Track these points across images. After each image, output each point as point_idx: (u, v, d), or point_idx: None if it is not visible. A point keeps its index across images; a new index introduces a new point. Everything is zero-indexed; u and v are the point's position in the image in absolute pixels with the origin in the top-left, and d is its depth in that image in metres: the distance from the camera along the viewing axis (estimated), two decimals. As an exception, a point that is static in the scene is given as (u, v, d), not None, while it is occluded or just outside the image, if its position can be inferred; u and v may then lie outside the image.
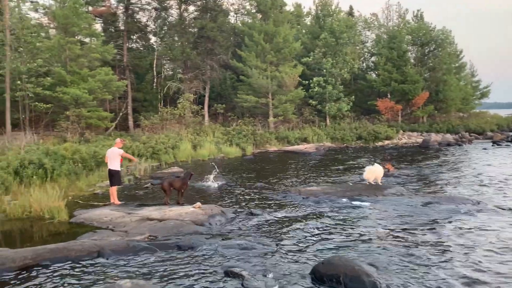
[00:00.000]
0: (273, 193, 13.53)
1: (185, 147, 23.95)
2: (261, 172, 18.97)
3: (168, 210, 10.36)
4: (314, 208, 11.15)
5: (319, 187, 13.62)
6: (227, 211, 10.63)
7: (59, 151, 16.20)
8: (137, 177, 17.46)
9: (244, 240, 8.23)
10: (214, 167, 16.97)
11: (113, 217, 10.11)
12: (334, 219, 9.89)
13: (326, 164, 21.40)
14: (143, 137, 24.48)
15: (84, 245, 7.58)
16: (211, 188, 14.85)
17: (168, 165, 21.03)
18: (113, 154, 12.09)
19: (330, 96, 35.62)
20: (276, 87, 33.47)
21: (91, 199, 13.02)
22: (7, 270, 6.73)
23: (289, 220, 9.94)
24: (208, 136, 27.79)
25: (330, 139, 33.18)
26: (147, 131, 28.72)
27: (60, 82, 24.43)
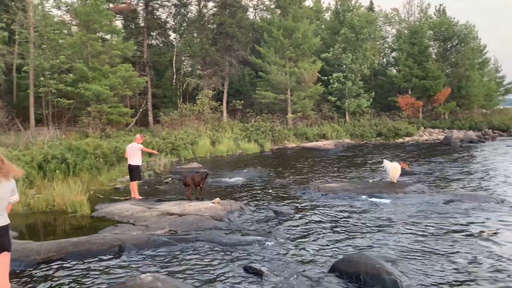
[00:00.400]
0: (291, 189, 13.50)
1: (204, 143, 24.10)
2: (279, 168, 18.95)
3: (187, 205, 10.45)
4: (333, 205, 11.09)
5: (338, 184, 13.53)
6: (246, 207, 10.65)
7: (81, 146, 16.50)
8: (157, 172, 17.66)
9: (263, 236, 8.23)
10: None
11: (134, 211, 10.25)
12: (354, 216, 9.81)
13: (345, 160, 21.24)
14: (163, 133, 24.72)
15: (105, 239, 7.70)
16: (229, 184, 14.90)
17: (187, 161, 21.19)
18: (133, 150, 12.24)
19: (349, 92, 35.30)
20: (295, 83, 33.33)
21: (112, 193, 13.23)
22: (31, 262, 6.90)
23: (308, 216, 9.91)
24: (227, 132, 27.88)
25: (350, 136, 32.90)
26: (166, 127, 28.98)
27: (82, 78, 24.85)
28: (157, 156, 20.46)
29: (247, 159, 22.81)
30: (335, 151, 26.17)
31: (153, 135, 24.72)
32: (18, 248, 7.26)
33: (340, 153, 25.49)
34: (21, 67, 25.12)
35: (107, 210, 10.52)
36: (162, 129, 28.04)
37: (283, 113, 34.76)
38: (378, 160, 20.84)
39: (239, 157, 23.80)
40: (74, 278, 6.32)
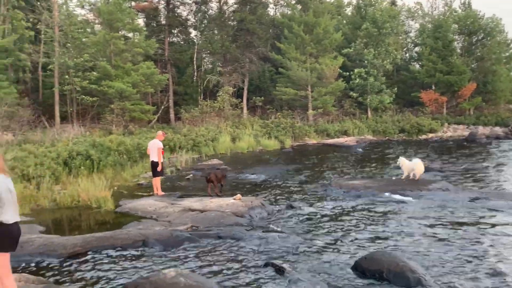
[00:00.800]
0: (313, 186, 13.44)
1: (224, 139, 24.20)
2: (300, 165, 18.88)
3: (209, 201, 10.53)
4: (356, 202, 10.99)
5: (360, 181, 13.40)
6: (267, 204, 10.66)
7: (105, 143, 16.80)
8: (179, 169, 17.84)
9: (284, 232, 8.23)
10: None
11: (156, 207, 10.40)
12: (376, 214, 9.71)
13: (367, 157, 21.01)
14: (184, 130, 24.93)
15: (129, 234, 7.83)
16: (250, 180, 14.93)
17: (208, 157, 21.32)
18: (154, 146, 12.39)
19: (371, 87, 34.85)
20: (316, 79, 33.09)
21: (136, 189, 13.44)
22: (58, 256, 7.07)
23: (329, 214, 9.85)
24: (247, 128, 27.92)
25: (372, 132, 32.51)
26: (187, 124, 29.21)
27: (105, 76, 25.26)
28: (179, 153, 20.66)
29: (268, 155, 22.80)
30: (357, 148, 25.91)
31: (174, 132, 24.95)
32: (45, 242, 7.47)
33: (362, 149, 25.22)
34: (46, 65, 25.74)
35: (131, 206, 10.69)
36: (183, 126, 28.28)
37: (304, 110, 34.56)
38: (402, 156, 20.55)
39: (259, 153, 23.82)
40: (98, 272, 6.46)
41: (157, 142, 12.47)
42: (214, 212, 9.63)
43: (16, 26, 24.70)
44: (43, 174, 12.36)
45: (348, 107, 36.06)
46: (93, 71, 25.49)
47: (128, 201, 11.36)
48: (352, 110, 36.22)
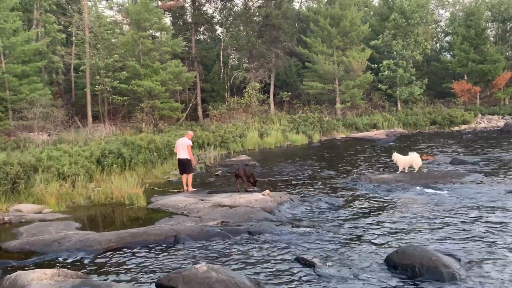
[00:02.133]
0: (342, 181, 13.34)
1: (252, 135, 24.27)
2: (329, 159, 18.74)
3: (238, 197, 10.62)
4: (386, 196, 10.84)
5: (391, 175, 13.21)
6: (296, 199, 10.66)
7: (136, 141, 17.16)
8: (208, 165, 18.04)
9: (314, 228, 8.22)
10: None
11: (187, 203, 10.57)
12: (408, 208, 9.55)
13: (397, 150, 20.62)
14: (212, 127, 25.14)
15: (161, 230, 8.01)
16: (279, 175, 14.95)
17: (236, 153, 21.45)
18: (182, 144, 12.59)
19: (401, 79, 34.13)
20: (343, 73, 32.68)
21: (166, 186, 13.69)
22: (94, 251, 7.31)
23: (359, 208, 9.76)
24: (274, 124, 27.90)
25: (402, 125, 31.89)
26: (215, 121, 29.45)
27: (135, 75, 25.77)
28: (207, 149, 20.87)
29: (296, 150, 22.73)
30: (387, 141, 25.47)
31: (203, 129, 25.21)
32: (81, 238, 7.73)
33: (392, 143, 24.78)
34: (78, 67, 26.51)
35: (162, 202, 10.91)
36: (211, 123, 28.53)
37: (331, 104, 34.18)
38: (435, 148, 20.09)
39: (287, 148, 23.79)
40: (133, 266, 6.64)
41: (186, 139, 12.68)
42: (244, 207, 9.72)
43: (49, 29, 25.54)
44: (77, 172, 12.75)
45: (377, 100, 35.45)
46: (122, 71, 26.05)
47: (159, 197, 11.59)
48: (381, 103, 35.59)
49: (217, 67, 35.14)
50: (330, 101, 34.27)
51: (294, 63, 37.94)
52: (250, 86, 32.01)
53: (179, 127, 26.04)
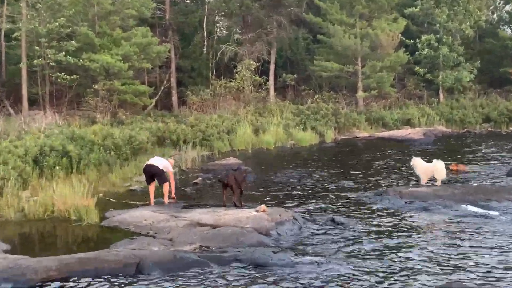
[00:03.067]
0: (363, 194, 13.39)
1: (244, 131, 24.21)
2: (346, 165, 18.77)
3: (223, 214, 10.62)
4: (421, 217, 10.89)
5: (428, 188, 13.30)
6: (301, 218, 10.68)
7: (87, 135, 17.07)
8: (183, 170, 17.99)
9: (325, 257, 8.24)
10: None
11: (154, 220, 10.55)
12: (450, 234, 9.59)
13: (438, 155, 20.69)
14: (191, 118, 25.05)
15: (119, 255, 7.99)
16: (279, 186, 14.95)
17: (222, 155, 21.39)
18: (159, 162, 12.67)
19: (445, 61, 34.25)
20: (368, 50, 32.74)
21: (127, 196, 13.66)
22: (27, 282, 7.27)
23: (385, 232, 9.79)
24: (275, 116, 27.88)
25: (445, 122, 32.03)
26: (195, 110, 29.36)
27: (87, 46, 25.59)
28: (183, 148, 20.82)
29: (302, 152, 22.73)
30: (424, 143, 25.58)
31: (178, 121, 25.12)
32: (10, 264, 7.69)
33: (431, 145, 24.88)
34: (11, 33, 26.23)
35: (121, 218, 10.89)
36: (189, 113, 28.44)
37: (352, 91, 34.26)
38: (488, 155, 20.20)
39: (291, 150, 23.80)
40: (80, 304, 6.62)
41: (166, 162, 12.84)
42: (231, 228, 9.72)
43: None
44: (7, 175, 12.66)
45: (412, 87, 35.54)
46: (71, 40, 25.83)
47: (117, 212, 11.56)
48: (418, 92, 35.68)
49: (199, 38, 35.04)
50: (350, 88, 34.33)
51: (302, 36, 37.92)
52: (243, 64, 31.95)
53: (146, 118, 25.97)
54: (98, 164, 15.91)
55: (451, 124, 32.06)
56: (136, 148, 18.13)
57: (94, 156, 15.93)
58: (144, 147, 18.80)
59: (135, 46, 26.32)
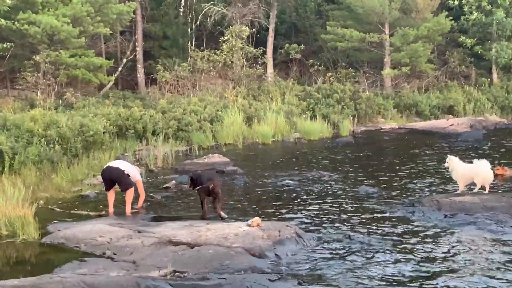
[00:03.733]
0: (389, 205, 13.41)
1: (234, 120, 24.16)
2: (367, 167, 18.80)
3: (204, 229, 10.59)
4: (466, 235, 10.90)
5: (476, 197, 13.27)
6: (306, 235, 10.67)
7: (24, 123, 16.99)
8: (152, 170, 17.96)
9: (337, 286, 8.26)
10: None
11: (113, 236, 10.50)
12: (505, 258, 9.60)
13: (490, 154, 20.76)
14: (162, 101, 25.01)
15: (65, 283, 7.96)
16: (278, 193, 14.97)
17: (204, 151, 21.36)
18: (125, 166, 12.81)
19: (500, 29, 34.30)
20: (398, 13, 32.77)
21: (77, 204, 13.62)
22: None
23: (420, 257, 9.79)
24: (274, 101, 27.88)
25: (499, 110, 32.13)
26: (168, 91, 29.31)
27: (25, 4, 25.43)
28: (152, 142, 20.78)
29: (310, 149, 22.73)
30: (472, 138, 25.56)
31: (144, 105, 25.06)
32: None
33: (480, 141, 24.88)
34: None
35: (69, 234, 10.83)
36: (160, 95, 28.37)
37: (376, 68, 34.33)
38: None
39: (295, 146, 23.81)
40: None
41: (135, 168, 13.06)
42: (214, 247, 9.69)
43: None
44: None
45: (456, 64, 35.59)
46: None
47: (63, 225, 11.53)
48: (464, 70, 35.76)
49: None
50: (374, 64, 34.41)
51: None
52: (232, 31, 31.88)
53: (103, 101, 25.87)
54: (39, 161, 15.85)
55: (507, 113, 32.17)
56: (89, 140, 18.07)
57: (33, 150, 15.86)
58: (99, 140, 18.74)
59: (88, 4, 26.20)
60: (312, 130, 25.62)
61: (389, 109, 30.35)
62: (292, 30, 38.23)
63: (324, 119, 27.05)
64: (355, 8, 32.90)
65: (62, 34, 25.14)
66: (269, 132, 24.33)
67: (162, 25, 34.42)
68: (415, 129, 28.03)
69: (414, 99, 31.29)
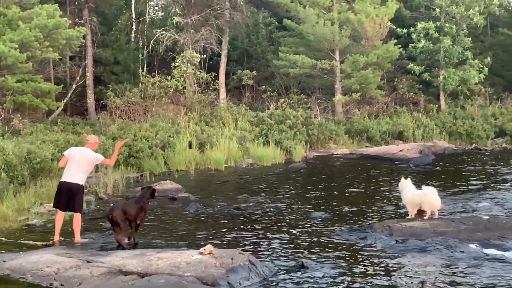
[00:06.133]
0: (341, 230, 13.47)
1: (186, 146, 24.14)
2: (319, 192, 18.90)
3: (155, 258, 10.46)
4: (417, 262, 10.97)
5: (426, 223, 13.42)
6: (259, 262, 10.61)
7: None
8: (101, 198, 17.76)
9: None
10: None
11: (60, 267, 10.29)
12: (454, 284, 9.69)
13: (439, 179, 21.06)
14: (113, 128, 24.85)
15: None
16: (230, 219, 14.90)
17: (155, 177, 21.22)
18: (83, 159, 12.50)
19: (447, 56, 35.01)
20: (349, 40, 33.21)
21: (23, 234, 13.35)
22: None
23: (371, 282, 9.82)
24: (226, 127, 27.91)
25: (447, 135, 32.64)
26: (119, 117, 29.10)
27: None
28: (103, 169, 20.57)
29: (263, 175, 22.76)
30: (421, 162, 25.95)
31: (95, 131, 24.85)
32: None
33: (429, 165, 25.26)
34: None
35: (14, 265, 10.58)
36: (111, 121, 28.16)
37: (328, 94, 34.64)
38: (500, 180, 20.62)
39: (248, 171, 23.82)
40: None
41: (93, 154, 12.70)
42: (165, 277, 9.57)
43: None
44: None
45: (405, 90, 36.13)
46: None
47: (9, 255, 11.25)
48: (413, 96, 36.31)
49: (126, 21, 34.88)
50: (325, 90, 34.76)
51: (263, 20, 38.24)
52: (184, 57, 31.90)
53: (51, 127, 25.56)
54: (-17, 190, 15.56)
55: (455, 138, 32.72)
56: (36, 168, 17.77)
57: (-23, 178, 15.59)
58: (47, 167, 18.45)
59: (37, 29, 25.94)
60: (264, 155, 25.70)
61: (341, 135, 30.63)
62: (244, 56, 38.45)
63: (277, 144, 27.17)
64: (307, 35, 33.24)
65: (9, 60, 24.83)
66: (221, 158, 24.35)
67: (113, 51, 34.31)
68: (366, 154, 28.33)
69: (365, 124, 31.65)
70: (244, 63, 37.77)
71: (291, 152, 27.09)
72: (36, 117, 27.58)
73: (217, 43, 35.24)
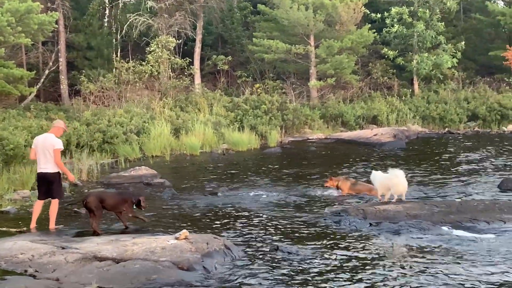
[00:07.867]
0: (316, 215, 13.54)
1: (161, 131, 24.07)
2: (295, 177, 18.97)
3: (130, 243, 10.44)
4: (391, 243, 11.08)
5: (400, 205, 13.51)
6: (234, 247, 10.64)
7: None
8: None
9: (266, 298, 8.26)
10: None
11: (35, 253, 10.23)
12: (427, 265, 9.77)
13: (413, 163, 21.22)
14: (87, 113, 24.70)
15: (-16, 303, 7.72)
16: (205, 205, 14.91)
17: (130, 163, 21.15)
18: (45, 146, 12.37)
19: (420, 41, 35.17)
20: (323, 25, 33.21)
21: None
22: None
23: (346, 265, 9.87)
24: (201, 112, 27.85)
25: (420, 120, 32.87)
26: (93, 103, 28.91)
27: None
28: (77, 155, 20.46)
29: (238, 160, 22.77)
30: (395, 146, 26.11)
31: (68, 117, 24.68)
32: None
33: (403, 149, 25.42)
34: None
35: (-13, 252, 10.52)
36: (84, 107, 27.97)
37: (302, 79, 34.65)
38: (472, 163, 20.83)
39: (223, 157, 23.84)
40: None
41: (52, 138, 12.51)
42: (140, 262, 9.56)
43: None
44: None
45: (379, 75, 36.27)
46: None
47: (-18, 242, 11.18)
48: (387, 81, 36.46)
49: (98, 5, 34.55)
50: (300, 75, 34.76)
51: (238, 5, 38.09)
52: (158, 42, 31.72)
53: (24, 113, 25.35)
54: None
55: (428, 122, 32.97)
56: (9, 154, 17.63)
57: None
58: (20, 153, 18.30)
59: (8, 14, 25.63)
60: (240, 141, 25.70)
61: (316, 120, 30.71)
62: (219, 41, 38.32)
63: (252, 130, 27.19)
64: (281, 20, 33.19)
65: (-20, 45, 24.59)
66: (197, 144, 24.31)
67: (86, 36, 34.00)
68: (341, 139, 28.45)
69: (340, 109, 31.76)
70: (219, 48, 37.64)
71: (266, 138, 27.15)
72: (9, 103, 27.34)
73: (192, 28, 35.07)
